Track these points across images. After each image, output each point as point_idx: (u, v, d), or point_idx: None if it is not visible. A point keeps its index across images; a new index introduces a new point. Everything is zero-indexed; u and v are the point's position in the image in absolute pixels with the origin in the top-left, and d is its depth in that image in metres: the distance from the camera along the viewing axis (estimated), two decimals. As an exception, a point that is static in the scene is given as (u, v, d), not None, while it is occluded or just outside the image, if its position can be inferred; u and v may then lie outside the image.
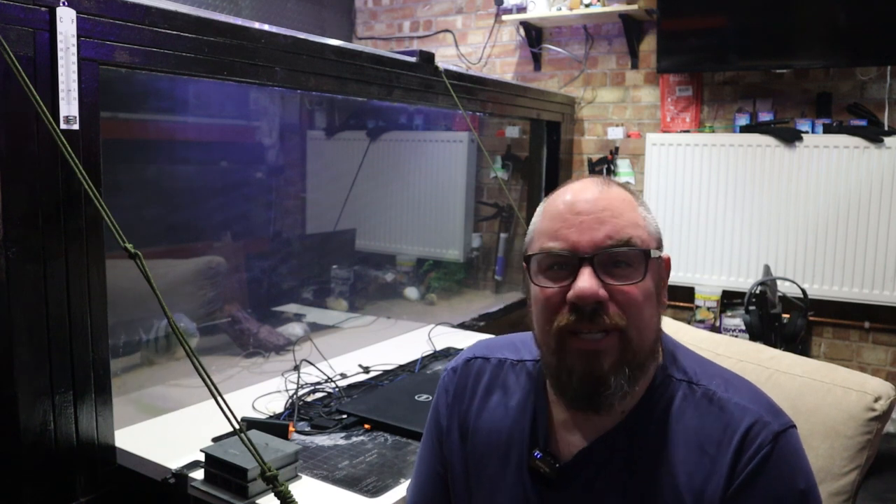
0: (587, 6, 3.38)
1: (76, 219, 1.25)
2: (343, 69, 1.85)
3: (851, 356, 3.14)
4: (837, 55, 2.98)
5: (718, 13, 3.16)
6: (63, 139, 1.16)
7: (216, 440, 1.39)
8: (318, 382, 1.78)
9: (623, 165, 3.57)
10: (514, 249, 3.75)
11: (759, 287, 2.89)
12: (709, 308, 3.24)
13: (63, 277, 1.24)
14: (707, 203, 3.26)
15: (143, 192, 2.35)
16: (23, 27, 1.13)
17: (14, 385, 1.17)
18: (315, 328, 2.41)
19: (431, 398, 1.64)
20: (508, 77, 3.81)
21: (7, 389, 1.18)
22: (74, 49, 1.20)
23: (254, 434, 1.31)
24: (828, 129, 3.03)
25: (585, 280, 0.77)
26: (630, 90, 3.55)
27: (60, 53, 1.18)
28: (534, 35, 3.70)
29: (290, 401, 1.65)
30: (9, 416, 1.18)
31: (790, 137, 3.06)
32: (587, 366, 0.79)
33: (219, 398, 1.14)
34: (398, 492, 1.24)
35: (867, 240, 2.97)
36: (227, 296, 2.36)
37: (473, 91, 2.55)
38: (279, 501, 1.11)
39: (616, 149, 3.57)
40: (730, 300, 3.26)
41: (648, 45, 3.46)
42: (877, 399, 1.10)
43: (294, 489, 1.16)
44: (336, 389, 1.74)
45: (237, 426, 1.16)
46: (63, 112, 1.20)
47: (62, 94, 1.19)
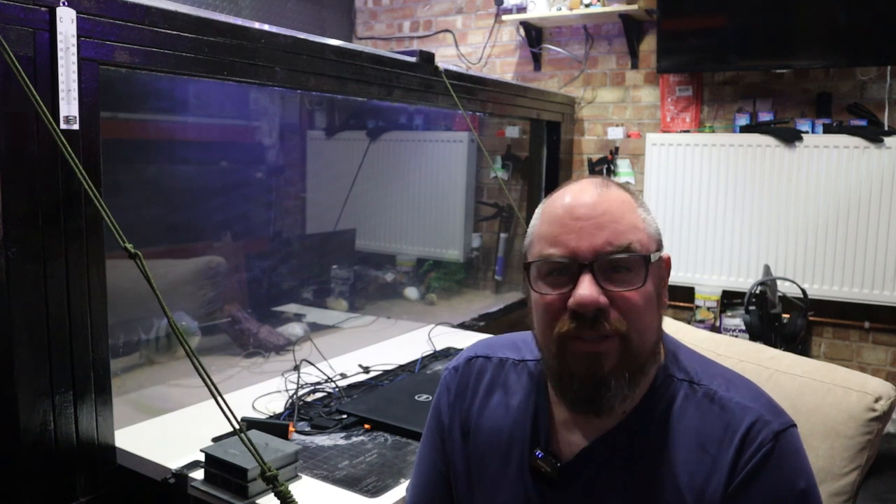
0: (587, 6, 3.38)
1: (76, 219, 1.25)
2: (343, 69, 1.85)
3: (851, 356, 3.14)
4: (837, 55, 2.98)
5: (718, 13, 3.15)
6: (63, 139, 1.16)
7: (216, 440, 1.39)
8: (318, 382, 1.78)
9: (623, 165, 3.57)
10: (514, 249, 3.75)
11: (759, 287, 2.89)
12: (709, 308, 3.24)
13: (63, 277, 1.24)
14: (707, 203, 3.26)
15: (143, 192, 2.35)
16: (23, 27, 1.13)
17: (14, 385, 1.17)
18: (315, 328, 2.41)
19: (431, 398, 1.64)
20: (508, 77, 3.80)
21: (7, 389, 1.18)
22: (74, 49, 1.20)
23: (254, 434, 1.31)
24: (828, 129, 3.03)
25: (586, 288, 0.77)
26: (630, 90, 3.55)
27: (60, 53, 1.18)
28: (534, 35, 3.70)
29: (290, 401, 1.65)
30: (9, 416, 1.18)
31: (790, 137, 3.06)
32: (588, 369, 0.79)
33: (219, 398, 1.14)
34: (398, 492, 1.24)
35: (867, 240, 2.97)
36: (227, 296, 2.36)
37: (473, 91, 2.55)
38: (279, 501, 1.11)
39: (616, 149, 3.57)
40: (730, 300, 3.26)
41: (648, 45, 3.46)
42: (877, 399, 1.10)
43: (294, 489, 1.16)
44: (336, 389, 1.74)
45: (237, 426, 1.16)
46: (63, 112, 1.20)
47: (62, 94, 1.19)
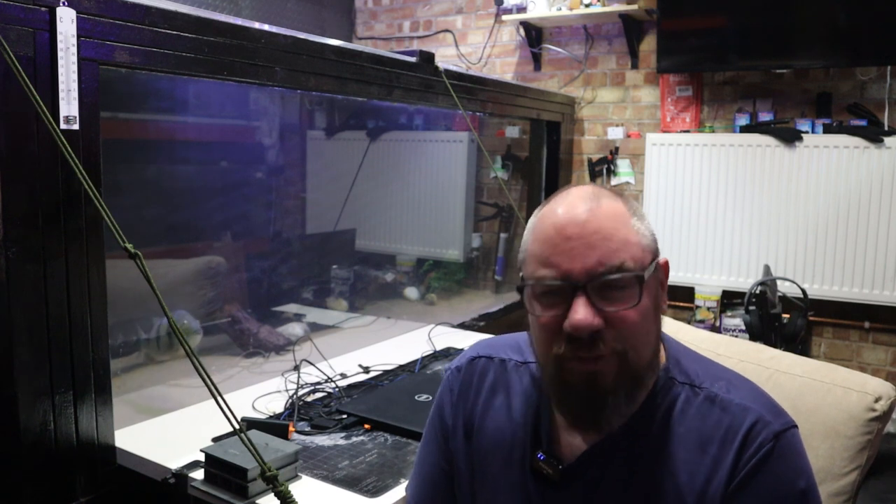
0: (587, 6, 3.38)
1: (76, 219, 1.25)
2: (343, 69, 1.85)
3: (851, 356, 3.14)
4: (837, 55, 2.98)
5: (718, 13, 3.15)
6: (63, 139, 1.16)
7: (216, 440, 1.39)
8: (318, 382, 1.78)
9: (623, 165, 3.57)
10: (514, 249, 3.75)
11: (759, 287, 2.89)
12: (709, 308, 3.24)
13: (63, 277, 1.24)
14: (707, 203, 3.26)
15: (143, 192, 2.35)
16: (23, 27, 1.13)
17: (14, 385, 1.17)
18: (315, 328, 2.41)
19: (431, 398, 1.64)
20: (508, 77, 3.80)
21: (7, 389, 1.18)
22: (74, 49, 1.20)
23: (254, 434, 1.31)
24: (828, 129, 3.03)
25: (579, 311, 0.76)
26: (630, 90, 3.55)
27: (60, 53, 1.18)
28: (534, 35, 3.70)
29: (290, 401, 1.65)
30: (9, 416, 1.18)
31: (790, 137, 3.06)
32: (586, 388, 0.79)
33: (219, 398, 1.14)
34: (398, 492, 1.24)
35: (867, 240, 2.97)
36: (227, 296, 2.36)
37: (473, 91, 2.55)
38: (279, 501, 1.11)
39: (616, 149, 3.57)
40: (730, 300, 3.26)
41: (648, 45, 3.46)
42: (877, 399, 1.10)
43: (294, 489, 1.16)
44: (336, 389, 1.74)
45: (237, 426, 1.16)
46: (63, 112, 1.20)
47: (62, 94, 1.19)
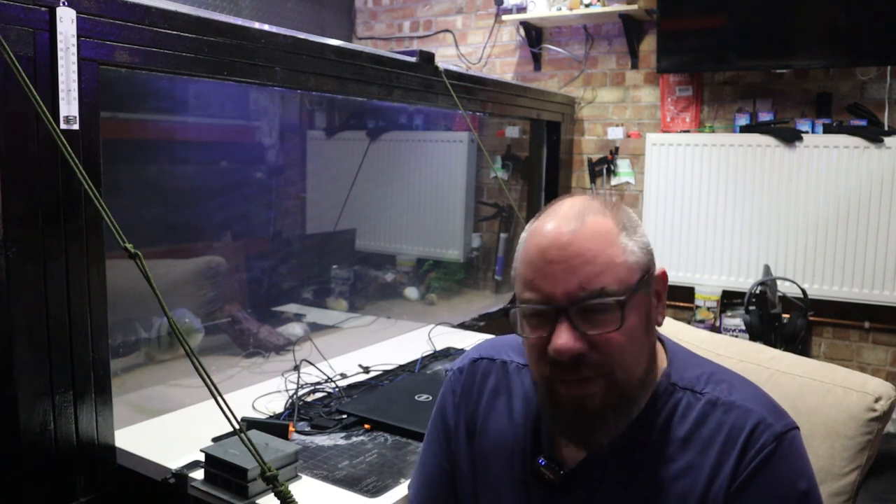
0: (587, 6, 3.38)
1: (76, 219, 1.25)
2: (343, 69, 1.84)
3: (851, 356, 3.14)
4: (837, 55, 2.98)
5: (718, 13, 3.15)
6: (63, 139, 1.16)
7: (216, 440, 1.39)
8: (318, 382, 1.78)
9: (623, 165, 3.57)
10: (514, 249, 3.73)
11: (759, 287, 2.89)
12: (709, 308, 3.24)
13: (63, 277, 1.24)
14: (707, 203, 3.26)
15: (143, 192, 2.35)
16: (23, 27, 1.13)
17: (14, 385, 1.17)
18: (315, 328, 2.41)
19: (431, 398, 1.65)
20: (508, 77, 3.80)
21: (7, 389, 1.18)
22: (74, 49, 1.20)
23: (254, 434, 1.31)
24: (828, 129, 3.03)
25: (561, 336, 0.77)
26: (630, 90, 3.55)
27: (60, 53, 1.18)
28: (534, 35, 3.70)
29: (290, 401, 1.65)
30: (9, 416, 1.18)
31: (790, 137, 3.06)
32: (574, 410, 0.81)
33: (219, 398, 1.14)
34: (398, 492, 1.24)
35: (867, 240, 2.97)
36: (227, 296, 2.36)
37: (473, 91, 2.55)
38: (279, 501, 1.11)
39: (616, 149, 3.57)
40: (730, 300, 3.26)
41: (648, 45, 3.46)
42: (877, 399, 1.10)
43: (294, 489, 1.16)
44: (336, 389, 1.74)
45: (237, 426, 1.16)
46: (63, 112, 1.20)
47: (62, 94, 1.19)
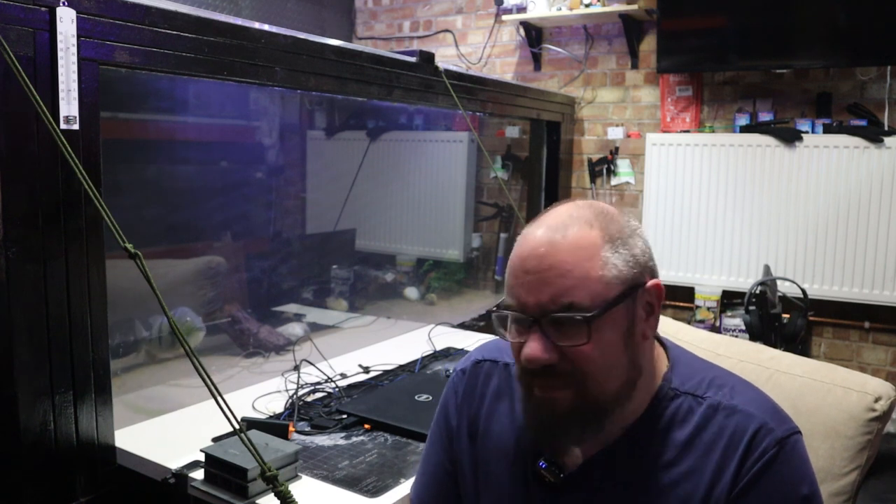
0: (587, 6, 3.38)
1: (76, 219, 1.25)
2: (343, 69, 1.84)
3: (851, 356, 3.14)
4: (837, 55, 2.98)
5: (718, 13, 3.15)
6: (63, 139, 1.16)
7: (216, 440, 1.39)
8: (318, 382, 1.78)
9: (623, 165, 3.57)
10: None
11: (759, 287, 2.89)
12: (709, 308, 3.24)
13: (63, 277, 1.24)
14: (707, 203, 3.26)
15: (143, 192, 2.35)
16: (23, 27, 1.13)
17: (14, 385, 1.17)
18: (315, 328, 2.41)
19: (431, 398, 1.65)
20: (508, 77, 3.80)
21: (7, 389, 1.18)
22: (74, 49, 1.20)
23: (254, 434, 1.31)
24: (828, 129, 3.03)
25: (531, 345, 0.79)
26: (630, 90, 3.55)
27: (60, 53, 1.18)
28: (534, 35, 3.70)
29: (290, 401, 1.65)
30: (9, 416, 1.18)
31: (790, 137, 3.06)
32: (543, 411, 0.82)
33: (219, 398, 1.14)
34: (398, 492, 1.24)
35: (867, 240, 2.97)
36: (227, 296, 2.36)
37: (473, 91, 2.55)
38: (279, 501, 1.11)
39: (616, 149, 3.57)
40: (730, 300, 3.26)
41: (648, 45, 3.46)
42: (877, 399, 1.10)
43: (294, 489, 1.16)
44: (336, 389, 1.74)
45: (237, 426, 1.16)
46: (63, 112, 1.20)
47: (62, 94, 1.19)
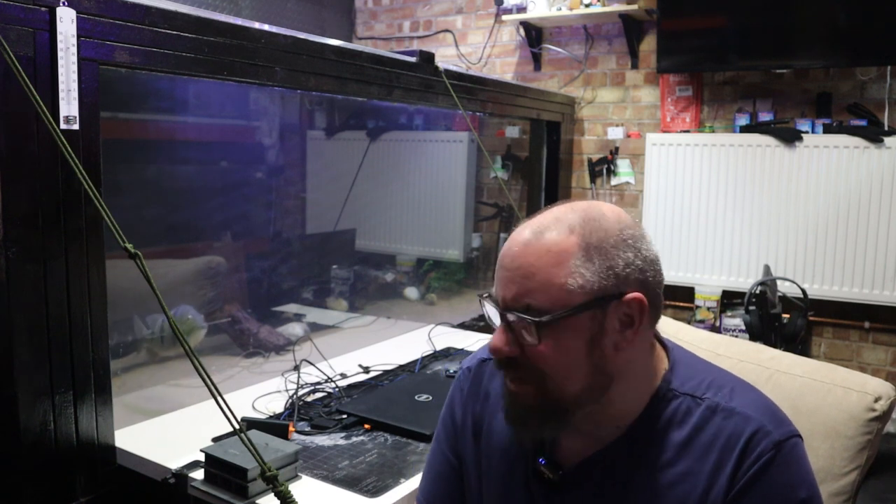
0: (587, 6, 3.38)
1: (76, 219, 1.25)
2: (343, 69, 1.84)
3: (851, 356, 3.14)
4: (837, 55, 2.98)
5: (718, 13, 3.15)
6: (63, 139, 1.16)
7: (216, 440, 1.39)
8: (318, 382, 1.78)
9: (623, 165, 3.57)
10: (514, 249, 3.73)
11: (759, 287, 2.89)
12: (709, 308, 3.24)
13: (63, 277, 1.24)
14: (707, 203, 3.26)
15: (143, 192, 2.35)
16: (23, 27, 1.13)
17: (14, 385, 1.17)
18: (315, 328, 2.41)
19: (431, 398, 1.65)
20: (508, 77, 3.80)
21: (7, 389, 1.18)
22: (74, 49, 1.20)
23: (254, 434, 1.31)
24: (828, 129, 3.03)
25: (495, 336, 0.83)
26: (630, 90, 3.55)
27: (60, 53, 1.18)
28: (534, 35, 3.70)
29: (290, 401, 1.65)
30: (9, 416, 1.18)
31: (790, 137, 3.06)
32: (508, 404, 0.87)
33: (219, 398, 1.14)
34: (398, 492, 1.24)
35: (867, 240, 2.97)
36: (227, 296, 2.36)
37: (473, 91, 2.55)
38: (279, 501, 1.10)
39: (616, 149, 3.57)
40: (730, 300, 3.25)
41: (648, 45, 3.46)
42: (877, 399, 1.10)
43: (294, 489, 1.16)
44: (336, 389, 1.74)
45: (237, 426, 1.16)
46: (63, 112, 1.20)
47: (62, 94, 1.19)
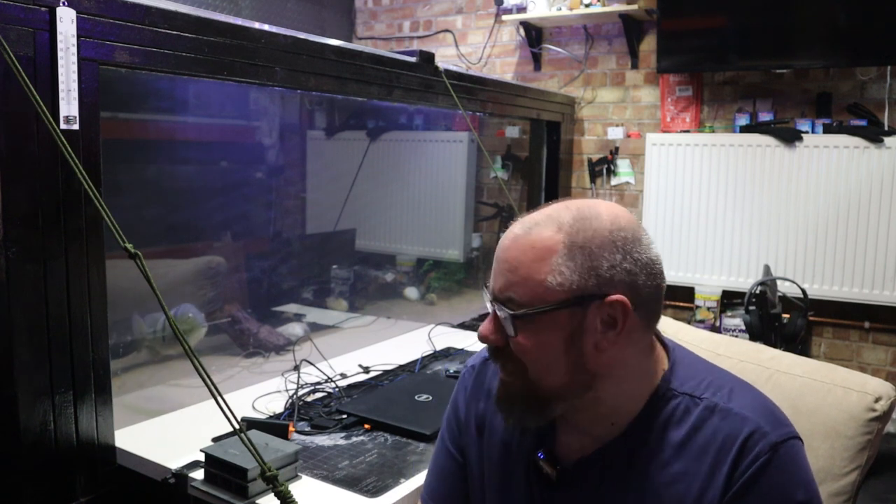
0: (587, 6, 3.38)
1: (76, 219, 1.25)
2: (343, 69, 1.84)
3: (851, 356, 3.14)
4: (837, 55, 2.98)
5: (718, 13, 3.15)
6: (63, 139, 1.16)
7: (216, 440, 1.39)
8: (318, 382, 1.78)
9: (623, 165, 3.57)
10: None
11: (759, 287, 2.89)
12: (709, 308, 3.24)
13: (63, 277, 1.24)
14: (707, 203, 3.26)
15: (143, 192, 2.35)
16: (23, 27, 1.13)
17: (14, 385, 1.17)
18: (315, 328, 2.41)
19: (431, 398, 1.65)
20: (508, 77, 3.80)
21: (7, 389, 1.18)
22: (74, 49, 1.20)
23: (254, 434, 1.31)
24: (828, 129, 3.03)
25: (484, 324, 0.87)
26: (630, 90, 3.55)
27: (60, 53, 1.18)
28: (534, 35, 3.70)
29: (290, 401, 1.65)
30: (9, 416, 1.18)
31: (790, 137, 3.06)
32: (496, 389, 0.90)
33: (219, 398, 1.14)
34: (398, 492, 1.24)
35: (867, 240, 2.97)
36: (227, 296, 2.36)
37: (473, 91, 2.55)
38: (279, 501, 1.10)
39: (616, 149, 3.57)
40: (730, 300, 3.26)
41: (648, 45, 3.46)
42: (877, 399, 1.10)
43: (294, 489, 1.16)
44: (336, 389, 1.74)
45: (237, 426, 1.16)
46: (63, 112, 1.20)
47: (62, 94, 1.19)
